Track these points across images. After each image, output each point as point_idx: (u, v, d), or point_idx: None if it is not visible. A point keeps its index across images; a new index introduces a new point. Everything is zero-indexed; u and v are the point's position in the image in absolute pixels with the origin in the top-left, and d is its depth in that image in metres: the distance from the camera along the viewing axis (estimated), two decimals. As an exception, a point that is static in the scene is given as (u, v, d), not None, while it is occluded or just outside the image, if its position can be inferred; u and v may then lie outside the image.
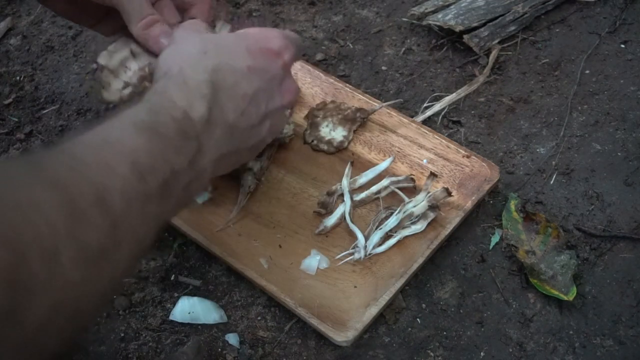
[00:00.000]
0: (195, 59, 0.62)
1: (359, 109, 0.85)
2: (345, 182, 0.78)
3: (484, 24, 0.96)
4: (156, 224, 0.52)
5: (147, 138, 0.52)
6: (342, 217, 0.77)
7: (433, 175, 0.77)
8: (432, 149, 0.81)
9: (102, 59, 0.73)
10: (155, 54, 0.70)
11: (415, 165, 0.81)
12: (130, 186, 0.48)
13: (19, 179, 0.43)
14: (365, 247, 0.73)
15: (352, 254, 0.73)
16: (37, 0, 0.80)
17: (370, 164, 0.81)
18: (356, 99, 0.87)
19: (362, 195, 0.78)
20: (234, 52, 0.63)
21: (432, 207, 0.75)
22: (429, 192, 0.76)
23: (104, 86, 0.73)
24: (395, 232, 0.75)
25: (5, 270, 0.38)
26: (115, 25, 0.74)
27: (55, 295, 0.41)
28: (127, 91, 0.73)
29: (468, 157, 0.80)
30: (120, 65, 0.73)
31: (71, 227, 0.43)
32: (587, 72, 0.94)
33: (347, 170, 0.79)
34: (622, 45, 0.97)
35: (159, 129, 0.54)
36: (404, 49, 0.98)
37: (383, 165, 0.81)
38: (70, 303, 0.43)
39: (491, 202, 0.80)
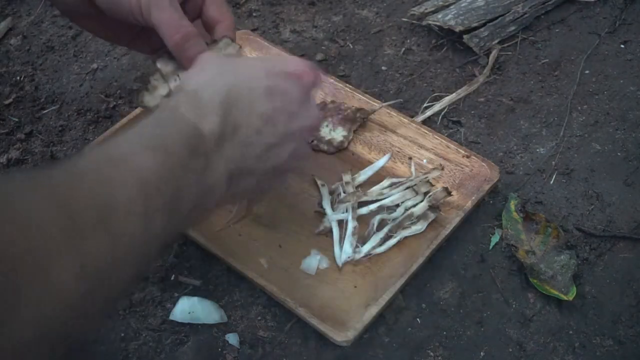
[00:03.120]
0: (211, 79, 0.61)
1: (359, 109, 0.85)
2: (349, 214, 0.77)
3: (484, 24, 0.96)
4: (160, 242, 0.52)
5: (154, 155, 0.51)
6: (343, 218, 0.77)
7: (447, 191, 0.77)
8: (432, 149, 0.82)
9: (160, 63, 0.72)
10: None
11: (415, 165, 0.81)
12: (134, 204, 0.48)
13: (17, 193, 0.43)
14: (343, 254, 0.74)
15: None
16: (70, 21, 0.79)
17: (370, 164, 0.81)
18: (356, 99, 0.87)
19: (363, 197, 0.78)
20: (252, 74, 0.63)
21: (432, 207, 0.75)
22: (429, 193, 0.76)
23: (149, 89, 0.72)
24: (396, 232, 0.75)
25: None
26: (154, 42, 0.73)
27: (48, 309, 0.41)
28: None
29: (468, 157, 0.80)
30: (173, 72, 0.71)
31: (70, 243, 0.42)
32: (587, 72, 0.94)
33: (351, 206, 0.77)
34: (622, 46, 0.97)
35: (167, 144, 0.53)
36: (404, 49, 0.98)
37: (381, 162, 0.81)
38: (65, 318, 0.42)
39: (491, 202, 0.80)
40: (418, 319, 0.71)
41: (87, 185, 0.47)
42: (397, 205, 0.77)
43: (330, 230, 0.76)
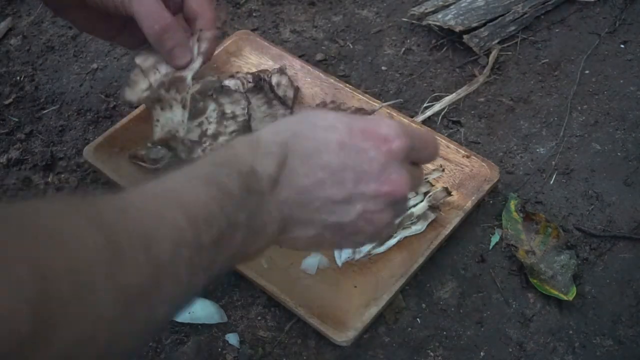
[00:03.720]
0: (279, 124, 0.59)
1: (359, 109, 0.85)
2: None
3: (484, 24, 0.96)
4: (206, 275, 0.50)
5: (207, 189, 0.50)
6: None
7: (447, 191, 0.77)
8: (432, 149, 0.81)
9: (139, 59, 0.73)
10: (170, 65, 0.71)
11: (415, 165, 0.81)
12: (181, 235, 0.47)
13: (64, 214, 0.43)
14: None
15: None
16: (57, 15, 0.79)
17: (370, 164, 0.81)
18: (356, 99, 0.87)
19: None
20: (331, 125, 0.58)
21: (432, 207, 0.75)
22: (429, 193, 0.76)
23: (129, 84, 0.73)
24: (396, 232, 0.75)
25: (34, 297, 0.37)
26: (137, 37, 0.73)
27: (84, 330, 0.40)
28: (145, 94, 0.72)
29: (468, 157, 0.80)
30: (152, 66, 0.73)
31: (111, 266, 0.42)
32: (587, 72, 0.94)
33: None
34: (622, 46, 0.97)
35: (221, 180, 0.52)
36: (404, 49, 0.98)
37: None
38: (101, 340, 0.42)
39: (491, 202, 0.80)
40: (418, 319, 0.71)
41: (134, 214, 0.46)
42: (397, 205, 0.77)
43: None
